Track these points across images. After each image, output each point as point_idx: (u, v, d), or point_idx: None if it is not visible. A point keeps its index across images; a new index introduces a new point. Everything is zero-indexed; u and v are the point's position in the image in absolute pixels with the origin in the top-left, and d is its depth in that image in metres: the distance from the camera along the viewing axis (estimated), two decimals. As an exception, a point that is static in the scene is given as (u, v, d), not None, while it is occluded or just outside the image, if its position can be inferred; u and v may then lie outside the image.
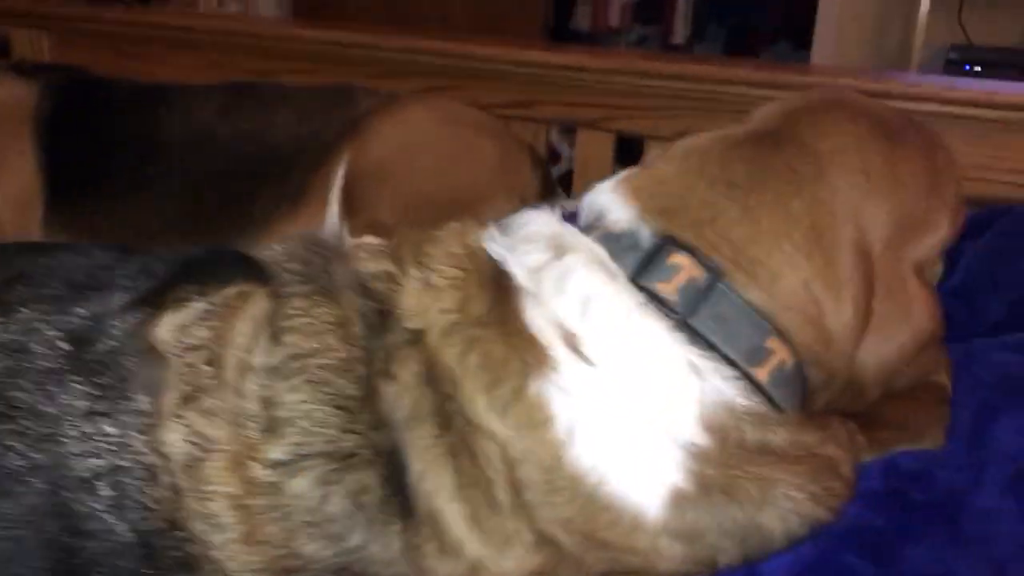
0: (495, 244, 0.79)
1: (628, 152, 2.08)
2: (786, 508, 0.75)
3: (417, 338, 0.73)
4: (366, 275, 0.79)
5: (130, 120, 1.73)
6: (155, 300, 0.79)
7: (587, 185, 2.05)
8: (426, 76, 2.09)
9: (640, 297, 0.75)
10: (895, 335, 0.82)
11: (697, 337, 0.74)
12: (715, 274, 0.75)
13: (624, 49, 4.91)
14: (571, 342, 0.72)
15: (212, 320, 0.77)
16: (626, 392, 0.71)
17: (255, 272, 0.81)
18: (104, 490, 0.72)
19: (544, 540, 0.71)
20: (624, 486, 0.71)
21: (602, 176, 2.11)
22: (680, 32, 4.88)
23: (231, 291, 0.80)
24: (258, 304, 0.78)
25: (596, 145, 2.04)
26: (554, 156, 2.20)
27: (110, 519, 0.71)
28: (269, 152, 1.66)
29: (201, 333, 0.77)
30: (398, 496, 0.70)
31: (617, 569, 0.74)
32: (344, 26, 2.30)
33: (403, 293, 0.76)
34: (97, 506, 0.72)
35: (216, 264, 0.84)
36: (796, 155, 0.79)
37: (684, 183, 0.80)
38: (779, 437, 0.76)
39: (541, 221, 0.82)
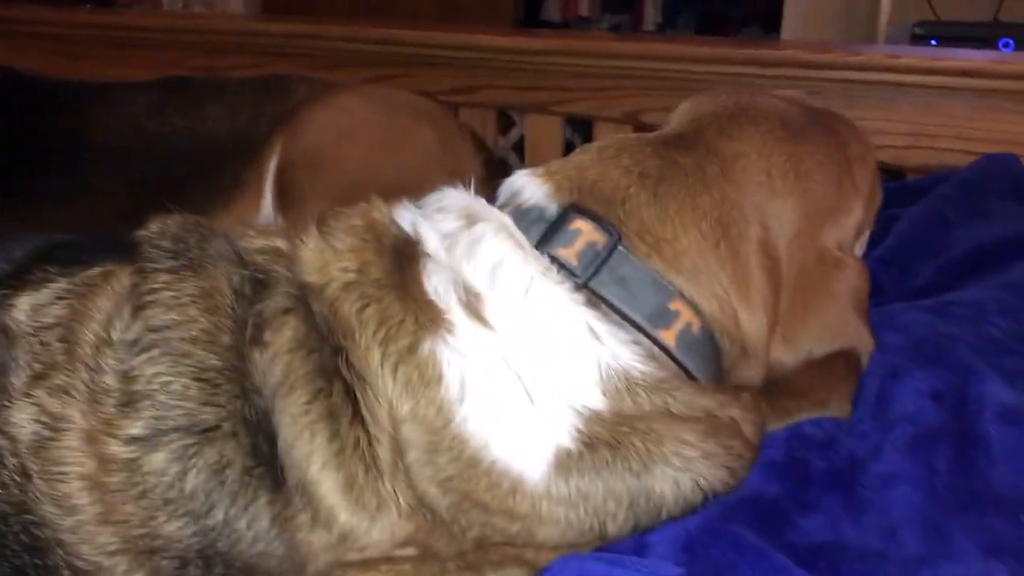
0: (407, 214, 0.80)
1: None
2: (677, 466, 0.73)
3: (313, 293, 0.72)
4: (248, 248, 0.78)
5: (64, 119, 1.71)
6: (10, 282, 0.76)
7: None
8: (371, 65, 2.07)
9: (545, 263, 0.76)
10: (805, 325, 0.84)
11: (598, 301, 0.76)
12: (616, 239, 0.77)
13: (588, 32, 4.89)
14: (471, 306, 0.72)
15: (70, 299, 0.75)
16: (522, 355, 0.71)
17: (124, 253, 0.78)
18: None
19: (420, 505, 0.69)
20: (509, 449, 0.70)
21: (554, 158, 2.10)
22: (651, 19, 4.87)
23: (94, 271, 0.78)
24: (121, 281, 0.76)
25: (546, 128, 2.02)
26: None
27: None
28: (202, 147, 1.64)
29: (57, 311, 0.74)
30: (267, 467, 0.68)
31: (494, 537, 0.71)
32: (288, 19, 2.28)
33: (304, 251, 0.76)
34: None
35: (82, 247, 0.82)
36: (704, 156, 0.83)
37: (598, 170, 0.82)
38: (676, 400, 0.75)
39: (455, 195, 0.84)
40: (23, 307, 0.75)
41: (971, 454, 0.80)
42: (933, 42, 3.46)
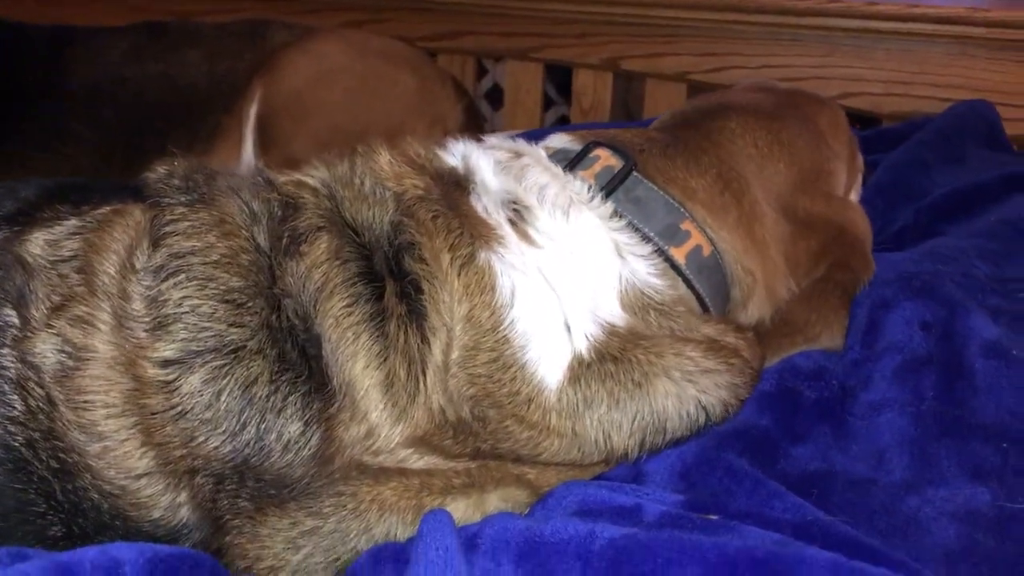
0: (456, 147, 0.86)
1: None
2: (677, 379, 0.77)
3: (396, 198, 0.78)
4: (275, 180, 0.81)
5: (39, 65, 1.68)
6: (22, 219, 0.77)
7: (519, 115, 2.04)
8: (349, 10, 2.06)
9: (579, 186, 0.84)
10: (808, 254, 0.92)
11: (619, 219, 0.83)
12: (632, 164, 0.86)
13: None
14: (518, 224, 0.79)
15: (85, 234, 0.76)
16: (560, 270, 0.77)
17: (132, 193, 0.80)
18: None
19: (447, 403, 0.73)
20: (539, 352, 0.75)
21: (533, 105, 2.10)
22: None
23: (105, 209, 0.79)
24: (135, 216, 0.77)
25: (526, 75, 2.02)
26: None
27: None
28: (181, 92, 1.63)
29: (73, 245, 0.75)
30: (303, 373, 0.71)
31: (503, 444, 0.74)
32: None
33: (380, 160, 0.81)
34: None
35: (90, 189, 0.83)
36: (699, 134, 0.94)
37: (616, 135, 0.93)
38: (680, 323, 0.80)
39: (501, 137, 0.95)
40: (38, 242, 0.75)
41: (957, 384, 0.83)
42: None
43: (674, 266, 0.83)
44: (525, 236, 0.78)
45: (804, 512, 0.68)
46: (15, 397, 0.70)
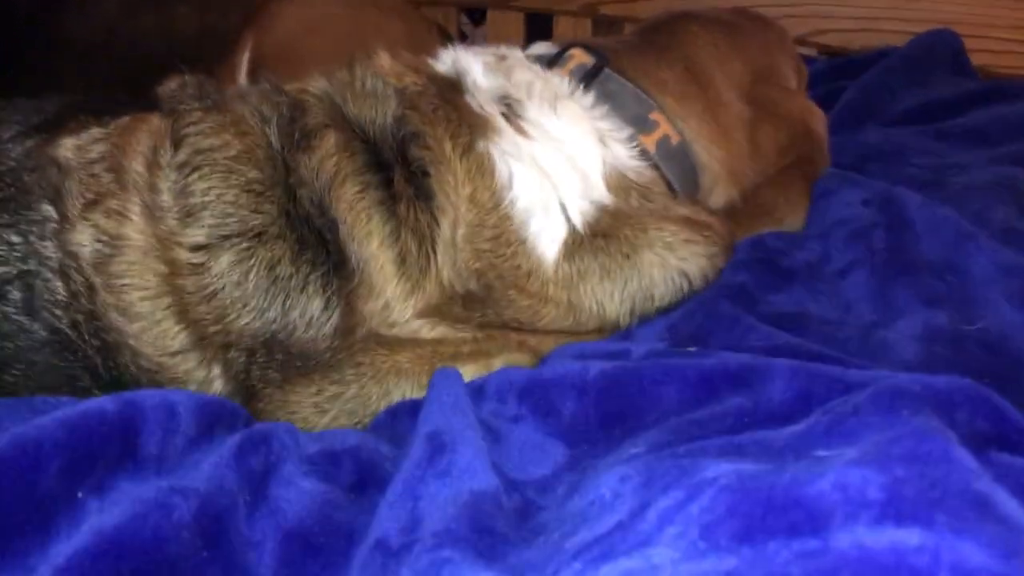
0: (445, 55, 0.94)
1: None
2: (659, 249, 0.85)
3: (398, 94, 0.84)
4: (281, 86, 0.88)
5: (34, 19, 1.71)
6: (50, 128, 0.82)
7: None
8: (332, -33, 2.09)
9: (560, 80, 0.92)
10: (773, 138, 1.00)
11: (603, 110, 0.90)
12: (604, 61, 0.93)
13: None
14: (510, 117, 0.86)
15: (110, 139, 0.82)
16: (551, 155, 0.85)
17: (147, 105, 0.86)
18: (13, 294, 0.76)
19: (456, 276, 0.79)
20: (538, 227, 0.82)
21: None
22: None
23: (126, 118, 0.84)
24: (154, 122, 0.84)
25: (506, 24, 2.06)
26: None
27: (23, 319, 0.76)
28: (174, 44, 1.66)
29: (100, 148, 0.82)
30: (322, 254, 0.77)
31: (506, 312, 0.81)
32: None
33: (381, 60, 0.90)
34: (8, 309, 0.76)
35: (107, 104, 0.88)
36: (666, 35, 1.03)
37: (590, 38, 1.04)
38: (657, 203, 0.88)
39: (485, 46, 1.03)
40: (68, 146, 0.82)
41: (901, 235, 0.91)
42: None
43: (644, 152, 0.90)
44: (518, 127, 0.85)
45: (776, 338, 0.76)
46: (58, 284, 0.76)
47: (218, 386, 0.77)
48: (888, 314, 0.83)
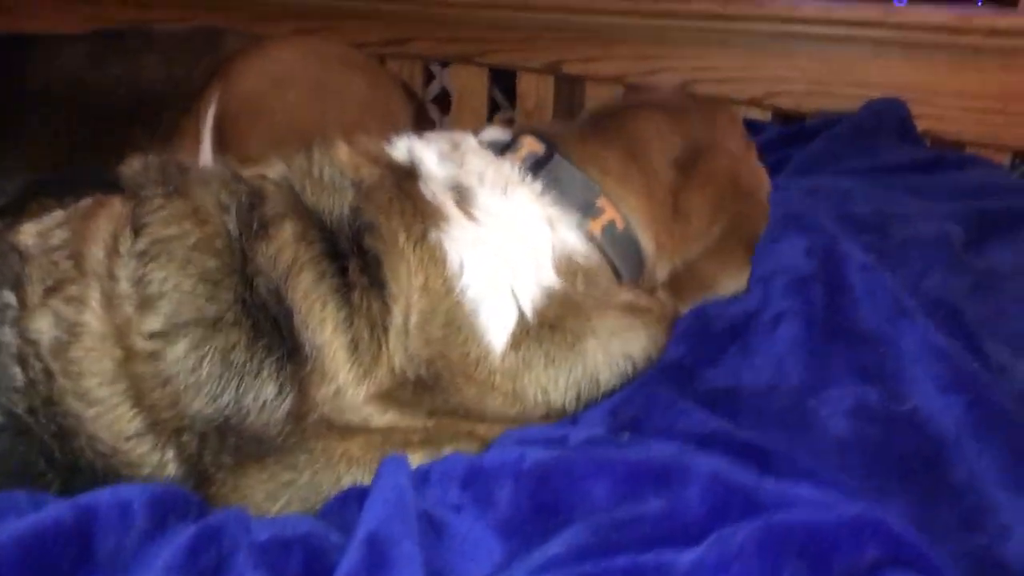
0: (401, 143, 0.97)
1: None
2: (603, 337, 0.89)
3: (355, 185, 0.88)
4: (240, 173, 0.91)
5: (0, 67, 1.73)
6: (12, 211, 0.84)
7: (466, 117, 2.12)
8: (299, 18, 2.13)
9: (513, 168, 0.95)
10: (703, 204, 1.03)
11: (551, 196, 0.94)
12: (553, 149, 0.97)
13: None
14: (462, 204, 0.89)
15: (71, 224, 0.84)
16: (501, 242, 0.89)
17: (109, 185, 0.88)
18: None
19: (407, 363, 0.82)
20: (489, 315, 0.85)
21: (480, 108, 2.18)
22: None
23: (87, 201, 0.87)
24: (115, 207, 0.86)
25: (471, 78, 2.11)
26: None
27: None
28: (140, 96, 1.69)
29: (62, 234, 0.84)
30: (277, 341, 0.79)
31: (453, 399, 0.84)
32: (215, -29, 2.31)
33: (339, 153, 0.92)
34: None
35: (69, 182, 0.90)
36: (614, 119, 1.06)
37: (543, 124, 1.07)
38: (600, 289, 0.92)
39: (440, 132, 1.05)
40: (30, 232, 0.84)
41: (839, 297, 0.94)
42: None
43: (591, 238, 0.94)
44: (469, 215, 0.89)
45: (708, 423, 0.80)
46: (17, 369, 0.78)
47: (171, 469, 0.79)
48: (820, 380, 0.86)
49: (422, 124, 1.85)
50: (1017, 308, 1.02)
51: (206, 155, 1.65)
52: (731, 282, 1.01)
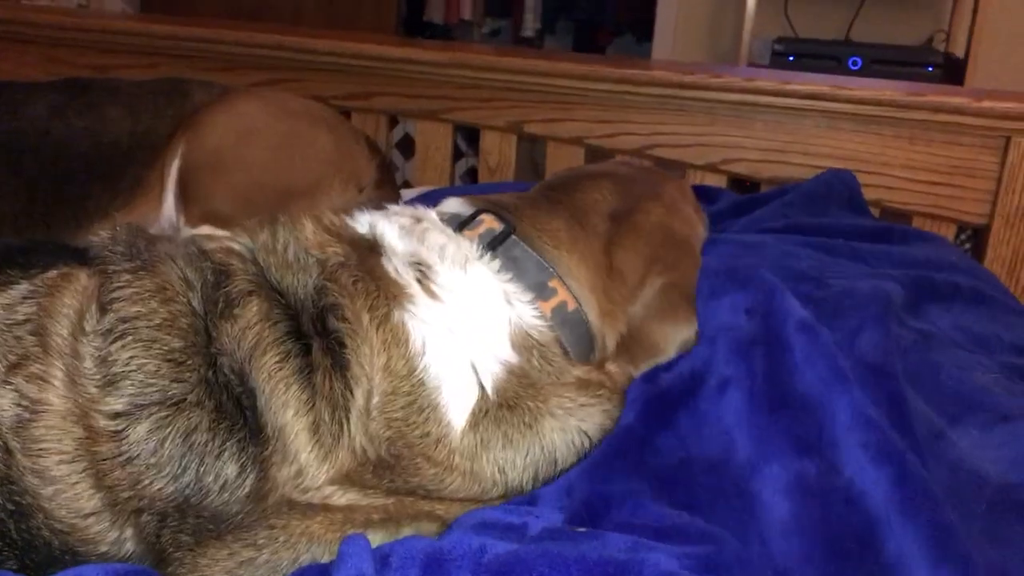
0: (363, 217, 0.99)
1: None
2: (559, 416, 0.91)
3: (320, 264, 0.89)
4: (206, 248, 0.92)
5: (-42, 117, 1.72)
6: None
7: (430, 170, 2.14)
8: (264, 69, 2.14)
9: (472, 245, 0.98)
10: (634, 254, 1.06)
11: (509, 274, 0.97)
12: (511, 229, 1.01)
13: (477, 41, 5.03)
14: (424, 282, 0.91)
15: (36, 298, 0.84)
16: (462, 320, 0.90)
17: (76, 256, 0.88)
18: None
19: (368, 443, 0.83)
20: (450, 394, 0.87)
21: (443, 160, 2.20)
22: (531, 25, 5.03)
23: (53, 273, 0.87)
24: (81, 282, 0.86)
25: (435, 134, 2.13)
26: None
27: None
28: (103, 148, 1.68)
29: (26, 309, 0.84)
30: (239, 422, 0.80)
31: (413, 479, 0.85)
32: (181, 20, 2.31)
33: (305, 231, 0.93)
34: None
35: (35, 251, 0.90)
36: (564, 191, 1.12)
37: (500, 197, 1.09)
38: (555, 368, 0.94)
39: (403, 205, 1.09)
40: None
41: (779, 359, 0.97)
42: (791, 58, 3.74)
43: (543, 317, 0.96)
44: (431, 292, 0.91)
45: (663, 516, 0.82)
46: None
47: (129, 547, 0.79)
48: (762, 453, 0.89)
49: (385, 177, 1.87)
50: (955, 373, 1.06)
51: (169, 209, 1.66)
52: (678, 338, 1.03)
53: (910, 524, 0.79)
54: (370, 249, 0.93)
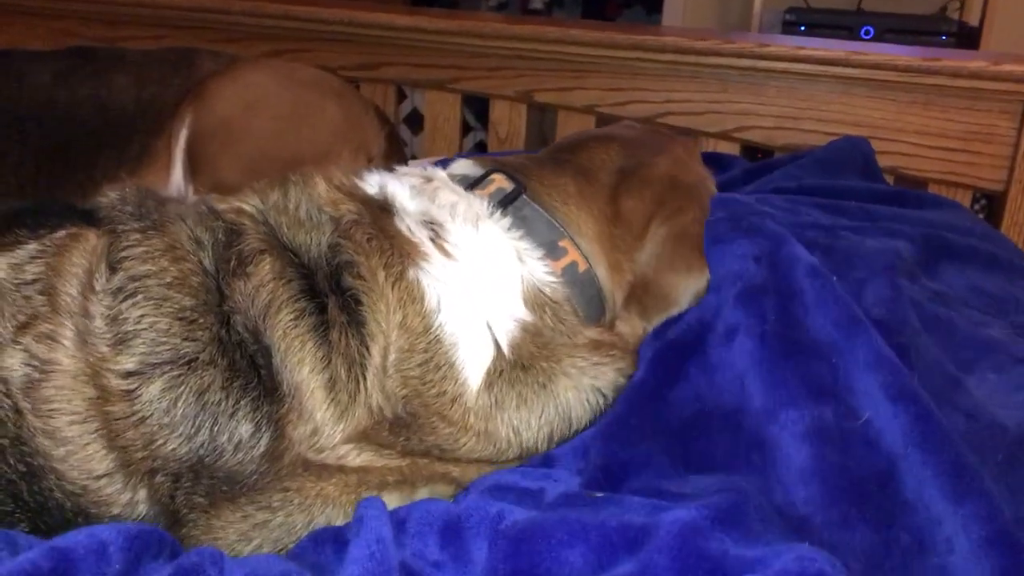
0: (373, 177, 0.98)
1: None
2: (573, 375, 0.90)
3: (334, 222, 0.88)
4: (217, 208, 0.90)
5: (-37, 86, 1.71)
6: None
7: (439, 142, 2.13)
8: (272, 40, 2.12)
9: (484, 203, 0.97)
10: (639, 201, 1.05)
11: (520, 231, 0.96)
12: (521, 188, 0.99)
13: (483, 13, 4.99)
14: (437, 240, 0.91)
15: (45, 258, 0.83)
16: (475, 278, 0.90)
17: (84, 217, 0.87)
18: None
19: (384, 401, 0.82)
20: (466, 352, 0.86)
21: (452, 132, 2.19)
22: (539, -3, 4.99)
23: (61, 233, 0.86)
24: (90, 241, 0.85)
25: (444, 104, 2.12)
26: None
27: None
28: (109, 116, 1.67)
29: (34, 269, 0.83)
30: (253, 380, 0.79)
31: (428, 438, 0.84)
32: (188, -9, 2.29)
33: (318, 188, 0.92)
34: None
35: (43, 212, 0.89)
36: (572, 151, 1.11)
37: (509, 160, 1.07)
38: (568, 323, 0.94)
39: (413, 165, 1.09)
40: (2, 266, 0.82)
41: (790, 305, 0.95)
42: (802, 28, 3.69)
43: (554, 275, 0.95)
44: (443, 250, 0.90)
45: (683, 482, 0.82)
46: None
47: (142, 509, 0.78)
48: (778, 399, 0.87)
49: (394, 148, 1.86)
50: (970, 326, 1.04)
51: (177, 178, 1.64)
52: (692, 289, 1.01)
53: (931, 460, 0.79)
54: (382, 208, 0.92)
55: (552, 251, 0.96)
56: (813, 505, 0.80)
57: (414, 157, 2.31)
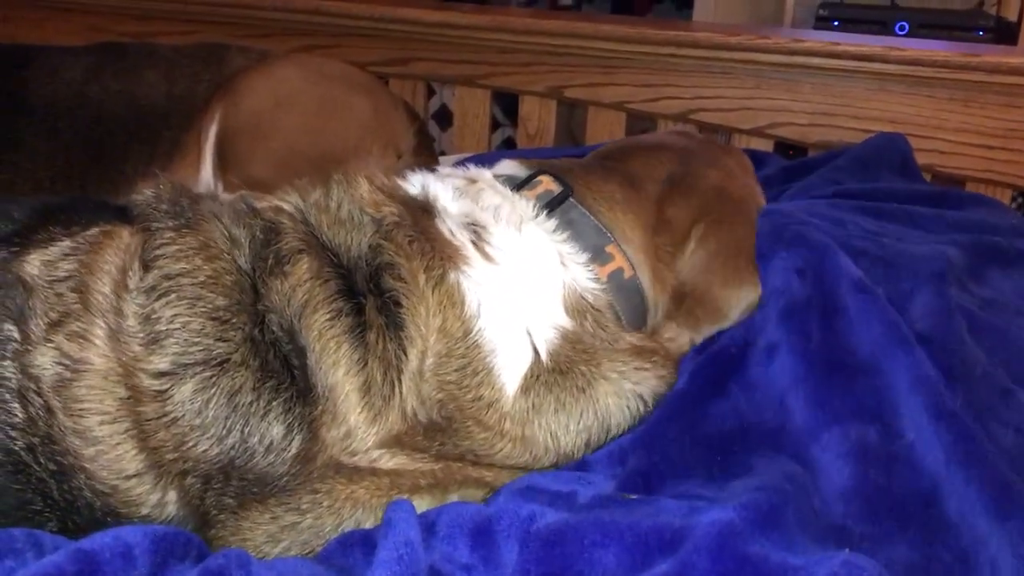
0: (415, 177, 0.97)
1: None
2: (613, 379, 0.89)
3: (375, 223, 0.88)
4: (256, 206, 0.90)
5: (0, 82, 1.72)
6: (18, 240, 0.83)
7: (468, 138, 2.11)
8: (303, 35, 2.12)
9: (528, 206, 0.96)
10: (684, 210, 1.03)
11: (564, 234, 0.94)
12: (569, 191, 0.98)
13: (513, 8, 4.97)
14: (479, 244, 0.89)
15: (78, 255, 0.83)
16: (517, 283, 0.89)
17: (118, 214, 0.87)
18: None
19: (419, 406, 0.81)
20: (504, 357, 0.85)
21: (481, 129, 2.18)
22: (568, -7, 4.96)
23: (95, 230, 0.85)
24: (124, 239, 0.85)
25: (473, 100, 2.10)
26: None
27: None
28: (140, 111, 1.67)
29: (67, 266, 0.82)
30: (287, 381, 0.78)
31: (462, 443, 0.83)
32: (219, -14, 2.29)
33: (360, 189, 0.91)
34: None
35: (77, 209, 0.89)
36: (618, 158, 1.09)
37: (556, 162, 1.06)
38: (608, 333, 0.92)
39: (456, 167, 1.08)
40: (35, 263, 0.82)
41: (834, 321, 0.93)
42: (835, 23, 3.64)
43: (599, 281, 0.94)
44: (485, 254, 0.89)
45: (721, 490, 0.79)
46: (16, 405, 0.76)
47: (171, 510, 0.77)
48: (820, 418, 0.86)
49: (423, 144, 1.85)
50: (1021, 341, 1.01)
51: (207, 173, 1.64)
52: (743, 302, 0.99)
53: (974, 480, 0.77)
54: (423, 210, 0.91)
55: (598, 256, 0.94)
56: (853, 519, 0.78)
57: (443, 153, 2.30)
